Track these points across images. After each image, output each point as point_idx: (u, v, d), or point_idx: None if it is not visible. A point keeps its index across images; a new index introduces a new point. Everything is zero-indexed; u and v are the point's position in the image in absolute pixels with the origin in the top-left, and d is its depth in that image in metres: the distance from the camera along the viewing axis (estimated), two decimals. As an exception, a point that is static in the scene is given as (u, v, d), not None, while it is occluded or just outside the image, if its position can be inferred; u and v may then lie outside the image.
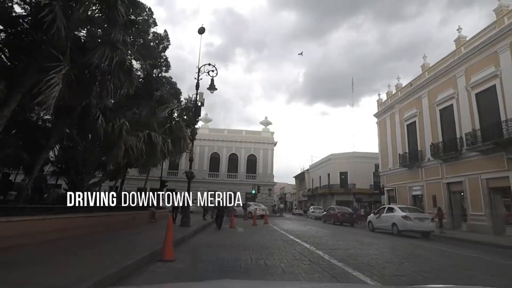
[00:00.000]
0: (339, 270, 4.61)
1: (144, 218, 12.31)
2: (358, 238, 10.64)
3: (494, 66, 14.19)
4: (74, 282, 3.03)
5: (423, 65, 20.47)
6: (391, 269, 4.92)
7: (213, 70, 12.63)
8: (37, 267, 3.78)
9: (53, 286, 2.91)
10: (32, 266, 3.78)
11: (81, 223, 7.42)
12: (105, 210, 9.37)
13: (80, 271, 3.48)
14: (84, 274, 3.32)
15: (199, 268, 4.62)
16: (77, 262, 4.15)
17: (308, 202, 46.53)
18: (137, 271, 4.10)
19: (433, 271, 4.94)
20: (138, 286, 3.26)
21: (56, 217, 6.70)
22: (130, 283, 3.58)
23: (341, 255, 6.04)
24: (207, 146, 34.91)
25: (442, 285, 1.62)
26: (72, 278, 3.17)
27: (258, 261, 5.11)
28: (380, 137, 26.22)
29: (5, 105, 5.99)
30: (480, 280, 4.54)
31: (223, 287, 1.48)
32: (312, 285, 2.45)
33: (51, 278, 3.20)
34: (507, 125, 12.94)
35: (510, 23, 13.34)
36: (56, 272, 3.47)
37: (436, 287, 1.58)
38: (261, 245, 7.22)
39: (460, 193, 16.47)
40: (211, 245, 7.11)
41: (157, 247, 5.35)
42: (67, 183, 9.80)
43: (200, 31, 13.27)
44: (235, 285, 1.63)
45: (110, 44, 5.33)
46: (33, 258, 4.22)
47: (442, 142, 17.44)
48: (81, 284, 2.99)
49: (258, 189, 27.14)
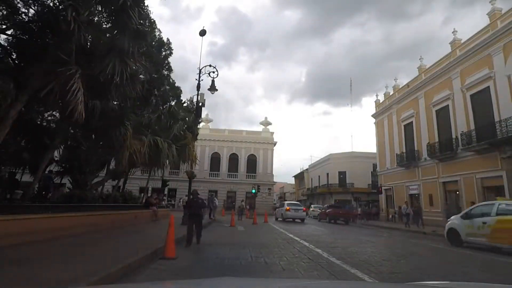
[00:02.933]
0: (337, 268, 4.72)
1: (146, 216, 12.50)
2: (356, 236, 10.88)
3: (488, 68, 14.48)
4: (80, 277, 3.18)
5: (420, 66, 20.75)
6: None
7: (214, 71, 12.84)
8: (45, 262, 3.94)
9: (60, 281, 3.07)
10: (40, 262, 3.92)
11: (85, 221, 7.53)
12: (108, 209, 9.56)
13: (86, 267, 3.62)
14: (89, 270, 3.47)
15: (200, 265, 4.71)
16: (82, 259, 4.28)
17: (308, 201, 46.79)
18: (139, 268, 4.22)
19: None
20: (141, 283, 3.25)
21: (61, 215, 6.83)
22: (133, 280, 3.69)
23: (340, 253, 6.24)
24: (207, 146, 35.07)
25: (438, 282, 1.66)
26: (79, 273, 3.33)
27: (258, 259, 5.24)
28: (378, 137, 26.52)
29: (12, 107, 6.16)
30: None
31: (223, 284, 1.47)
32: (310, 282, 2.46)
33: (58, 274, 3.36)
34: (500, 126, 13.24)
35: (503, 27, 13.63)
36: (62, 268, 3.64)
37: (433, 283, 1.60)
38: (261, 244, 7.38)
39: (455, 192, 16.77)
40: (212, 243, 7.25)
41: (159, 245, 5.44)
42: (71, 182, 9.98)
43: (201, 33, 13.44)
44: (235, 282, 1.63)
45: (119, 56, 5.47)
46: (40, 255, 4.36)
47: (438, 142, 17.73)
48: (87, 279, 3.15)
49: (258, 188, 27.36)
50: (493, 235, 7.40)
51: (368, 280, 3.96)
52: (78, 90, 5.27)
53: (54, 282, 3.06)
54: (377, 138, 26.67)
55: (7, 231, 4.99)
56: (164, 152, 9.55)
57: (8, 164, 9.78)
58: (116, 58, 5.44)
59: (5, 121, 5.76)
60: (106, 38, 6.27)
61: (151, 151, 9.00)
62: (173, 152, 10.38)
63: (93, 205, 8.83)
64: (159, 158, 9.69)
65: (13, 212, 5.56)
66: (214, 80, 12.83)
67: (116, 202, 11.01)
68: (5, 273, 3.33)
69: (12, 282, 3.07)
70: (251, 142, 35.79)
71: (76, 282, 3.03)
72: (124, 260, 4.21)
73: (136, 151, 8.14)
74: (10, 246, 4.74)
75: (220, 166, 35.05)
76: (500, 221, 7.31)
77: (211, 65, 12.88)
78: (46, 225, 6.10)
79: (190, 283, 1.79)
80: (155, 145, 9.20)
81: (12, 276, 3.24)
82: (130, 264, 4.16)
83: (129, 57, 5.64)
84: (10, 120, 6.12)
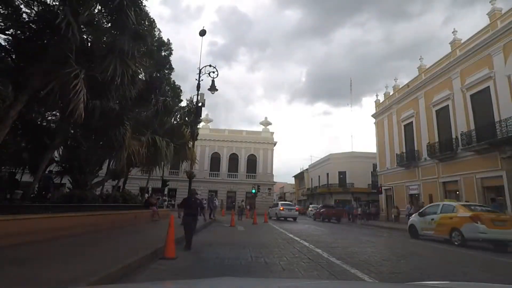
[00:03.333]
0: (337, 268, 4.73)
1: (145, 216, 12.50)
2: (356, 236, 10.88)
3: (488, 68, 14.47)
4: (80, 277, 3.18)
5: (420, 66, 20.74)
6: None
7: (214, 71, 12.83)
8: (45, 262, 3.94)
9: (60, 281, 3.06)
10: (40, 262, 3.92)
11: (85, 221, 7.53)
12: (108, 209, 9.56)
13: (86, 267, 3.62)
14: (89, 270, 3.47)
15: (200, 265, 4.70)
16: (82, 259, 4.28)
17: (307, 201, 46.79)
18: (139, 268, 4.22)
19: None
20: (141, 283, 3.24)
21: (61, 215, 6.83)
22: (133, 279, 3.68)
23: (340, 253, 6.24)
24: (207, 146, 35.08)
25: (438, 282, 1.65)
26: (79, 273, 3.33)
27: (258, 259, 5.24)
28: (378, 137, 26.51)
29: (12, 107, 6.16)
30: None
31: (223, 284, 1.47)
32: (311, 282, 2.44)
33: (58, 274, 3.36)
34: (500, 126, 13.23)
35: (503, 27, 13.62)
36: (62, 268, 3.64)
37: (432, 283, 1.59)
38: (261, 244, 7.37)
39: (455, 192, 16.76)
40: (212, 243, 7.24)
41: (159, 245, 5.44)
42: (71, 182, 9.98)
43: (201, 33, 13.44)
44: (235, 282, 1.63)
45: (119, 56, 5.46)
46: (40, 255, 4.36)
47: (438, 142, 17.72)
48: (87, 279, 3.15)
49: (258, 188, 27.35)
50: (437, 229, 9.56)
51: (368, 280, 3.95)
52: (81, 90, 5.26)
53: (54, 282, 3.06)
54: (377, 138, 26.67)
55: (7, 231, 4.99)
56: (163, 150, 9.50)
57: (8, 164, 9.78)
58: (117, 59, 5.43)
59: (5, 121, 5.76)
60: (106, 38, 6.27)
61: (149, 151, 8.96)
62: (171, 150, 10.33)
63: (93, 205, 8.83)
64: (156, 158, 9.64)
65: (13, 212, 5.56)
66: (214, 80, 12.83)
67: (116, 202, 11.02)
68: (5, 273, 3.33)
69: (12, 282, 3.07)
70: (251, 142, 35.80)
71: (76, 282, 3.03)
72: (124, 260, 4.21)
73: (134, 152, 8.13)
74: (10, 246, 4.75)
75: (220, 166, 35.06)
76: (442, 218, 9.42)
77: (211, 65, 12.88)
78: (46, 225, 6.11)
79: (190, 283, 1.79)
80: (153, 144, 9.15)
81: (12, 276, 3.24)
82: (130, 264, 4.16)
83: (130, 58, 5.64)
84: (10, 120, 6.11)
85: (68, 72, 5.31)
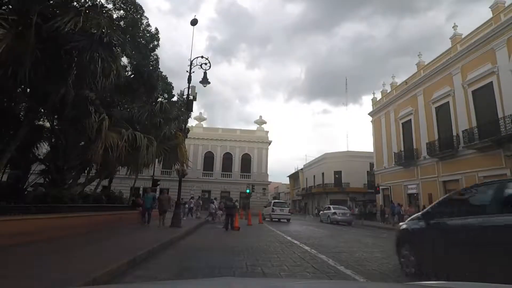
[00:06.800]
0: (349, 280, 4.12)
1: (133, 218, 11.62)
2: (358, 238, 10.25)
3: (490, 63, 14.06)
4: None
5: (419, 63, 20.34)
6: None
7: (206, 63, 12.06)
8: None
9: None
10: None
11: (59, 224, 6.77)
12: (88, 210, 8.70)
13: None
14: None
15: (185, 277, 4.02)
16: (38, 270, 3.54)
17: (302, 201, 46.26)
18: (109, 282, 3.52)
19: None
20: (141, 283, 3.12)
21: (30, 217, 6.07)
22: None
23: (347, 259, 5.55)
24: (201, 145, 34.20)
25: (438, 282, 1.50)
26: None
27: (254, 268, 4.54)
28: (375, 136, 26.08)
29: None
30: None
31: (223, 284, 1.41)
32: (311, 282, 2.37)
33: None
34: (504, 122, 12.81)
35: (507, 20, 13.21)
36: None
37: (432, 283, 1.55)
38: (257, 248, 6.67)
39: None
40: (201, 248, 6.53)
41: (138, 252, 4.82)
42: (48, 181, 9.07)
43: (192, 22, 12.66)
44: (235, 282, 1.59)
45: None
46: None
47: (438, 140, 17.29)
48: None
49: (252, 188, 26.62)
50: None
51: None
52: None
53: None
54: (374, 137, 26.24)
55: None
56: (143, 149, 8.42)
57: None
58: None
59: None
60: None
61: (130, 147, 7.98)
62: (153, 151, 9.30)
63: (70, 205, 7.95)
64: (137, 158, 8.59)
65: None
66: (206, 72, 12.06)
67: (99, 202, 10.11)
68: None
69: None
70: (245, 141, 35.07)
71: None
72: (91, 274, 3.43)
73: (113, 145, 7.21)
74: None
75: (214, 166, 34.22)
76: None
77: (203, 57, 12.13)
78: (10, 229, 5.27)
79: (190, 283, 1.78)
80: (133, 141, 8.09)
81: None
82: (95, 279, 3.38)
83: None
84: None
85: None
